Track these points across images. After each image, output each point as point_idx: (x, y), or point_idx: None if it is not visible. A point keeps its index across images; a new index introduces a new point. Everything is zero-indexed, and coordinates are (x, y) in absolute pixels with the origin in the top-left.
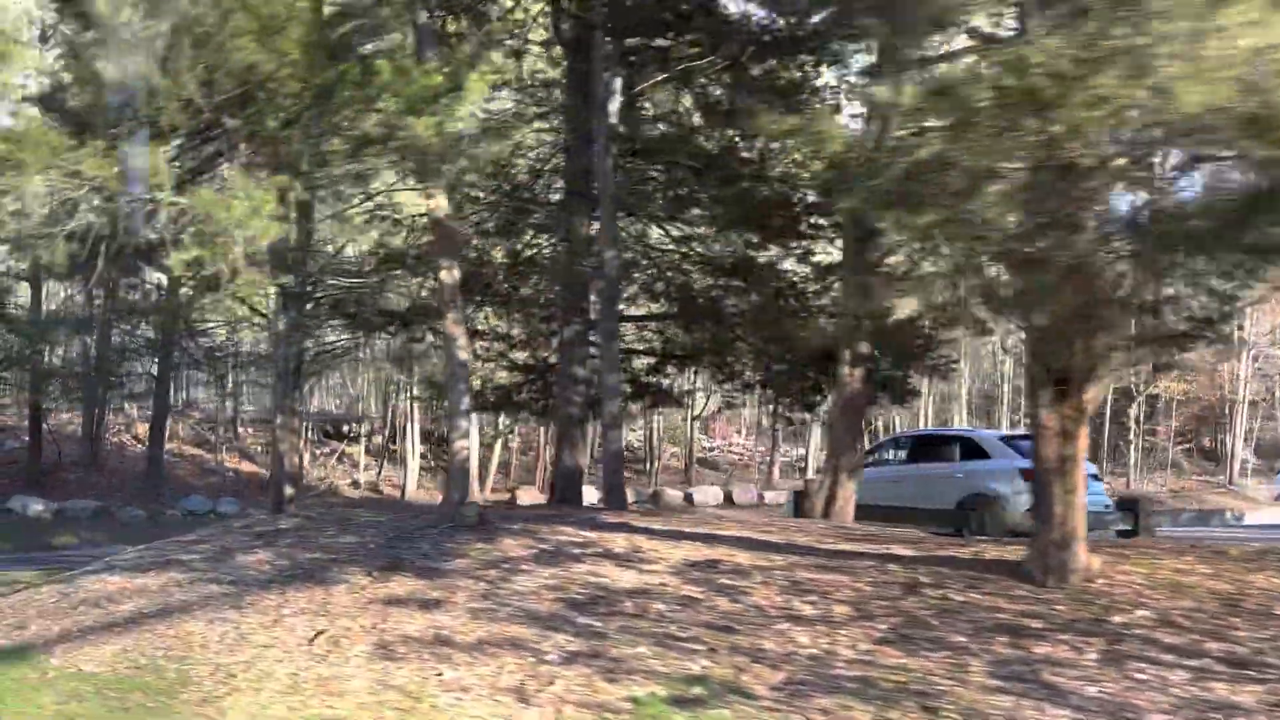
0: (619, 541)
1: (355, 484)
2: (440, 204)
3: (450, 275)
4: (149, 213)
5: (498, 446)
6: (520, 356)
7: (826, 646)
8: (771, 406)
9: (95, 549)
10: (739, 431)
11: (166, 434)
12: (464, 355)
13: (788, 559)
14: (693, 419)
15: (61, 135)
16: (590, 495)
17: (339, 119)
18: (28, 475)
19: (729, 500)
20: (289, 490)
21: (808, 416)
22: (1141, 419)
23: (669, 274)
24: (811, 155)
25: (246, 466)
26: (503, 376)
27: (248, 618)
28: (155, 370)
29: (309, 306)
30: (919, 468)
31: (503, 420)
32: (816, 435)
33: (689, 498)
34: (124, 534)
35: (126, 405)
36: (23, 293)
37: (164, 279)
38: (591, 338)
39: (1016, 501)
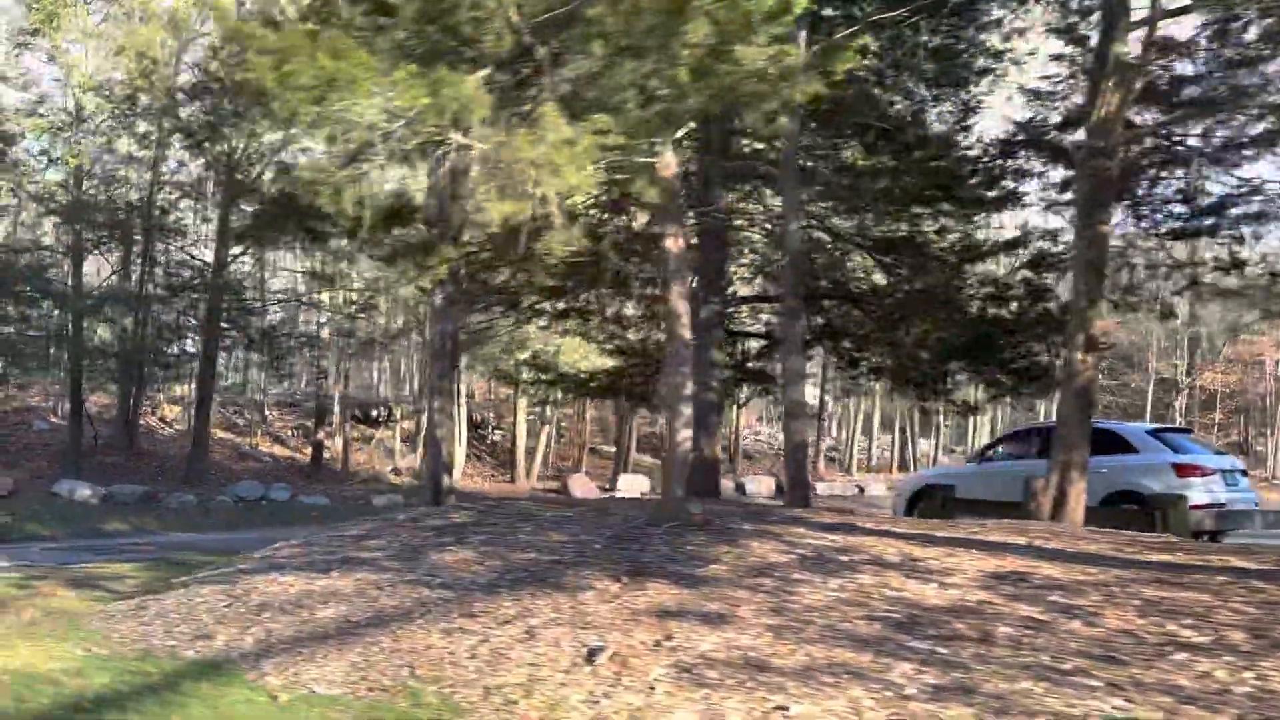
0: (882, 547)
1: (396, 470)
2: (668, 161)
3: (676, 243)
4: (447, 154)
5: (543, 434)
6: (630, 339)
7: (1255, 682)
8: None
9: (153, 536)
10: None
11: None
12: (688, 334)
13: (1103, 571)
14: (738, 406)
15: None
16: (630, 484)
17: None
18: (66, 458)
19: (781, 491)
20: (446, 481)
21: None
22: (1183, 411)
23: (814, 255)
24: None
25: (279, 450)
26: (585, 363)
27: (490, 629)
28: (199, 350)
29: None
30: (1038, 463)
31: (549, 407)
32: (859, 424)
33: (741, 488)
34: (175, 520)
35: (155, 387)
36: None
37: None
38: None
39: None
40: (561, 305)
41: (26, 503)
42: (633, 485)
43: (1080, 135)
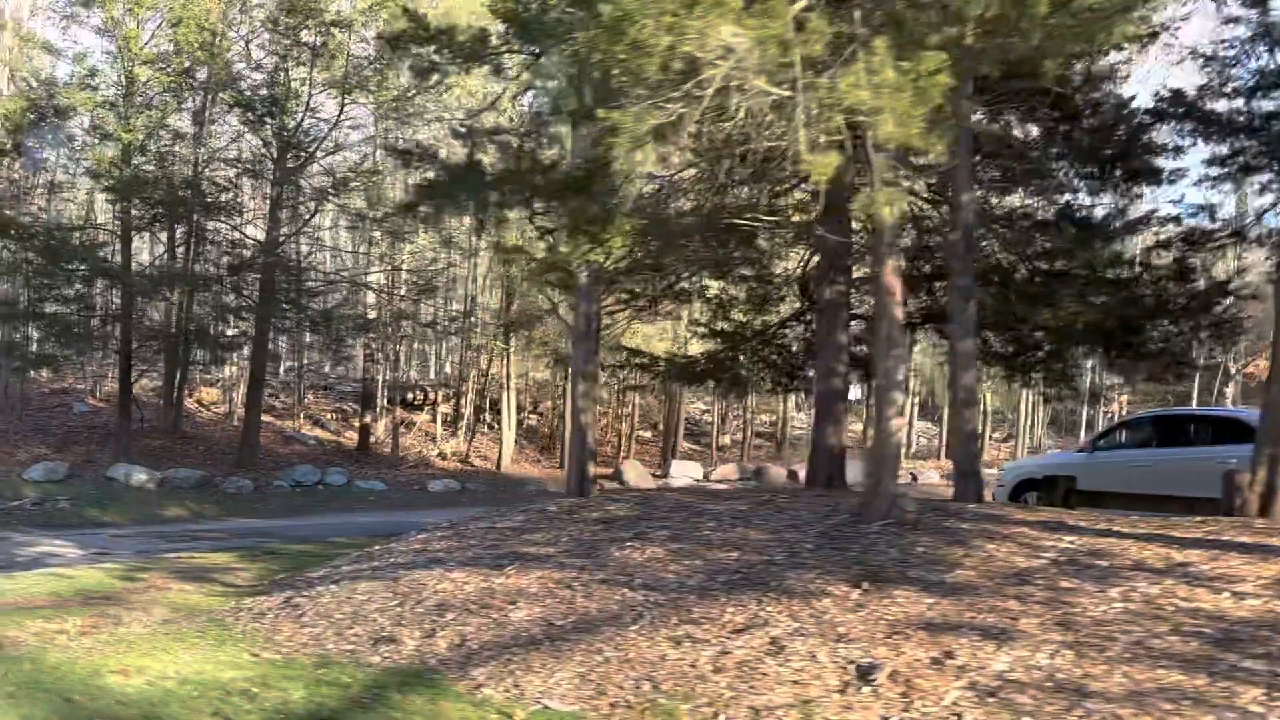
0: (1135, 550)
1: (442, 455)
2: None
3: (889, 212)
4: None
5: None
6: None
7: None
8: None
9: (218, 523)
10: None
11: (239, 400)
12: (900, 313)
13: None
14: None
15: None
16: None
17: None
18: (116, 442)
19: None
20: (592, 469)
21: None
22: (1239, 399)
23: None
24: None
25: (321, 434)
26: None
27: (726, 638)
28: (250, 331)
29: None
30: (1168, 452)
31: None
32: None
33: (793, 474)
34: (234, 505)
35: (201, 369)
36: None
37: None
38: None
39: None
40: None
41: (82, 487)
42: (684, 472)
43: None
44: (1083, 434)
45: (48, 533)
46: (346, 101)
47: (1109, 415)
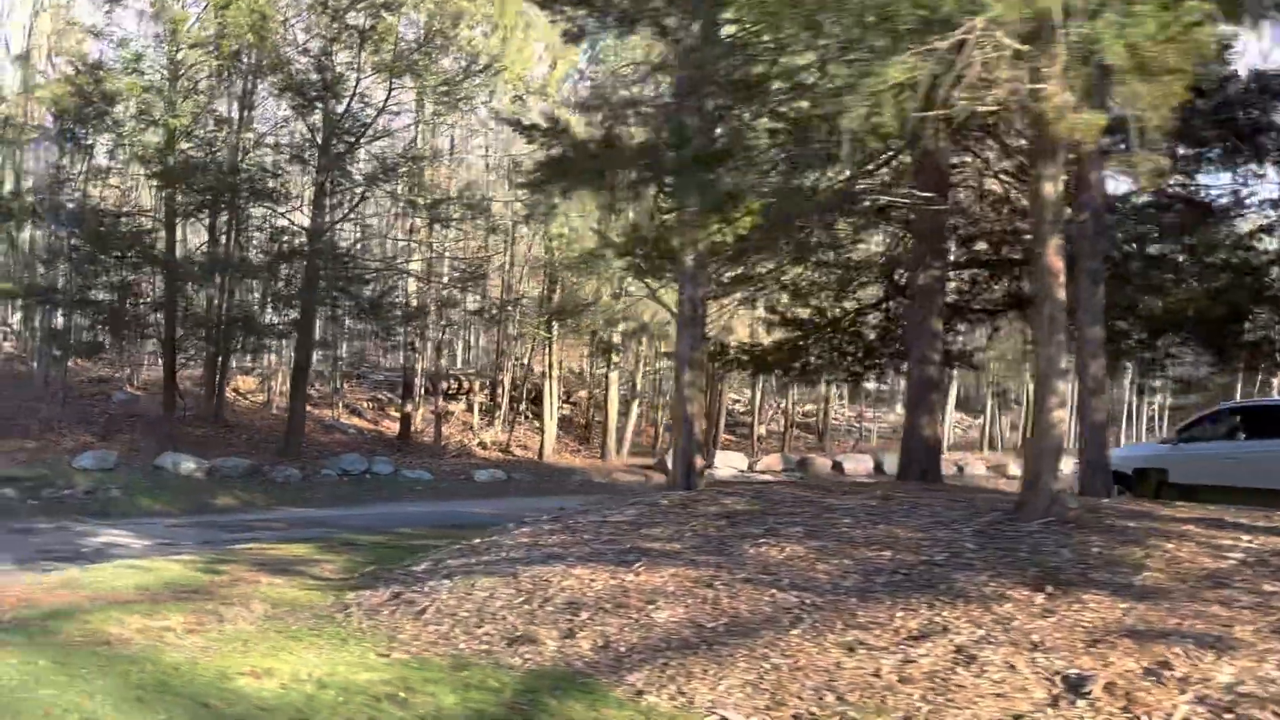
0: None
1: (482, 444)
2: (1061, 95)
3: (1054, 187)
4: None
5: (633, 410)
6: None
7: None
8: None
9: (271, 512)
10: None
11: (277, 389)
12: (1064, 296)
13: None
14: (828, 381)
15: None
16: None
17: None
18: (161, 430)
19: (879, 470)
20: (699, 461)
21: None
22: None
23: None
24: None
25: (359, 423)
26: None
27: (904, 644)
28: (296, 319)
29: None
30: (1260, 444)
31: (639, 381)
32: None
33: (838, 466)
34: (283, 495)
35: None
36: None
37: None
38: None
39: None
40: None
41: (131, 476)
42: (728, 462)
43: None
44: (1127, 427)
45: (104, 522)
46: (395, 86)
47: (1153, 408)
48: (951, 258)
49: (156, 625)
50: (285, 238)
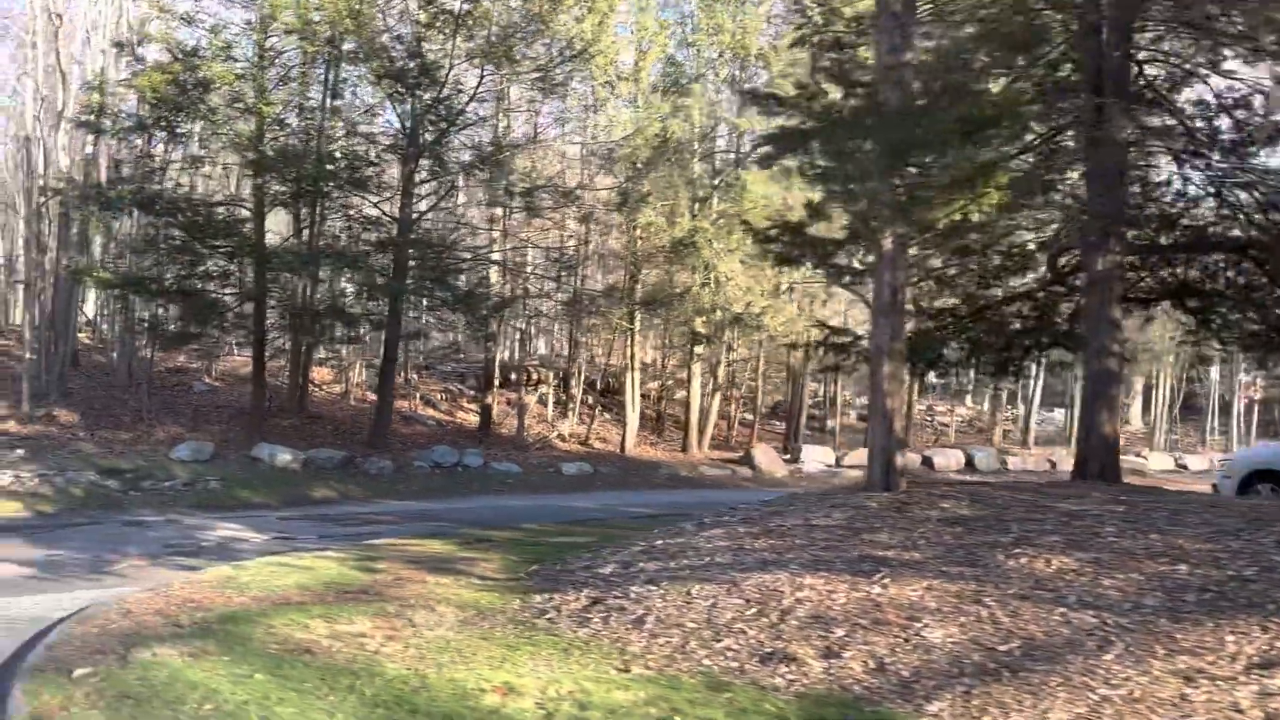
0: None
1: (560, 437)
2: None
3: None
4: None
5: (715, 402)
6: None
7: None
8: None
9: (372, 505)
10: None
11: (354, 381)
12: None
13: None
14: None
15: None
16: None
17: None
18: (251, 421)
19: (970, 466)
20: (900, 459)
21: None
22: None
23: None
24: None
25: (435, 414)
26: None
27: (1259, 675)
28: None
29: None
30: None
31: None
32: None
33: (928, 461)
34: (378, 487)
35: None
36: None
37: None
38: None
39: None
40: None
41: (228, 467)
42: (814, 457)
43: None
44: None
45: (211, 515)
46: (489, 74)
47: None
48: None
49: (346, 630)
50: (377, 227)
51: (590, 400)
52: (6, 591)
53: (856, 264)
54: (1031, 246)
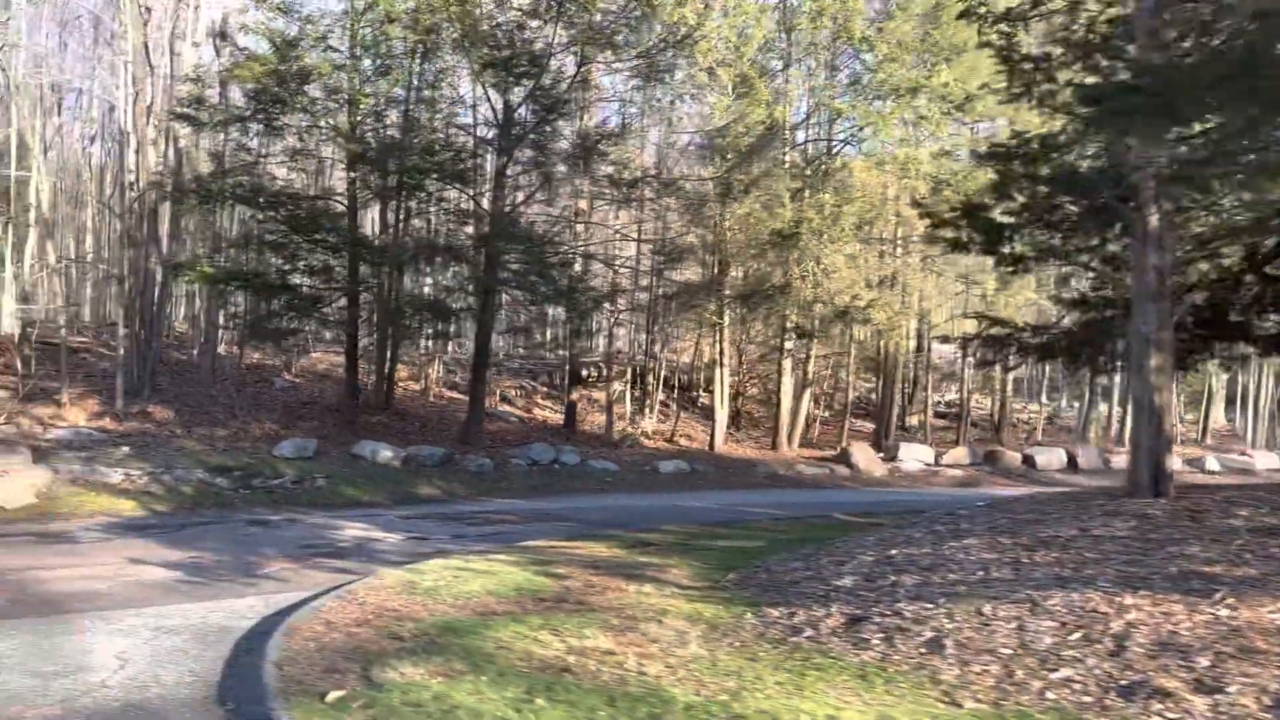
0: None
1: (645, 434)
2: None
3: None
4: None
5: (805, 398)
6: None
7: None
8: None
9: (475, 503)
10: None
11: (434, 378)
12: None
13: None
14: (1005, 370)
15: None
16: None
17: None
18: (340, 418)
19: (1072, 465)
20: (1169, 464)
21: None
22: None
23: None
24: None
25: (514, 410)
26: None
27: None
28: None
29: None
30: None
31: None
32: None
33: (1029, 460)
34: (480, 484)
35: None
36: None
37: None
38: None
39: None
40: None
41: (331, 464)
42: (913, 455)
43: None
44: None
45: (328, 513)
46: (587, 61)
47: None
48: None
49: (586, 645)
50: (470, 220)
51: (670, 397)
52: (170, 597)
53: (1024, 249)
54: None
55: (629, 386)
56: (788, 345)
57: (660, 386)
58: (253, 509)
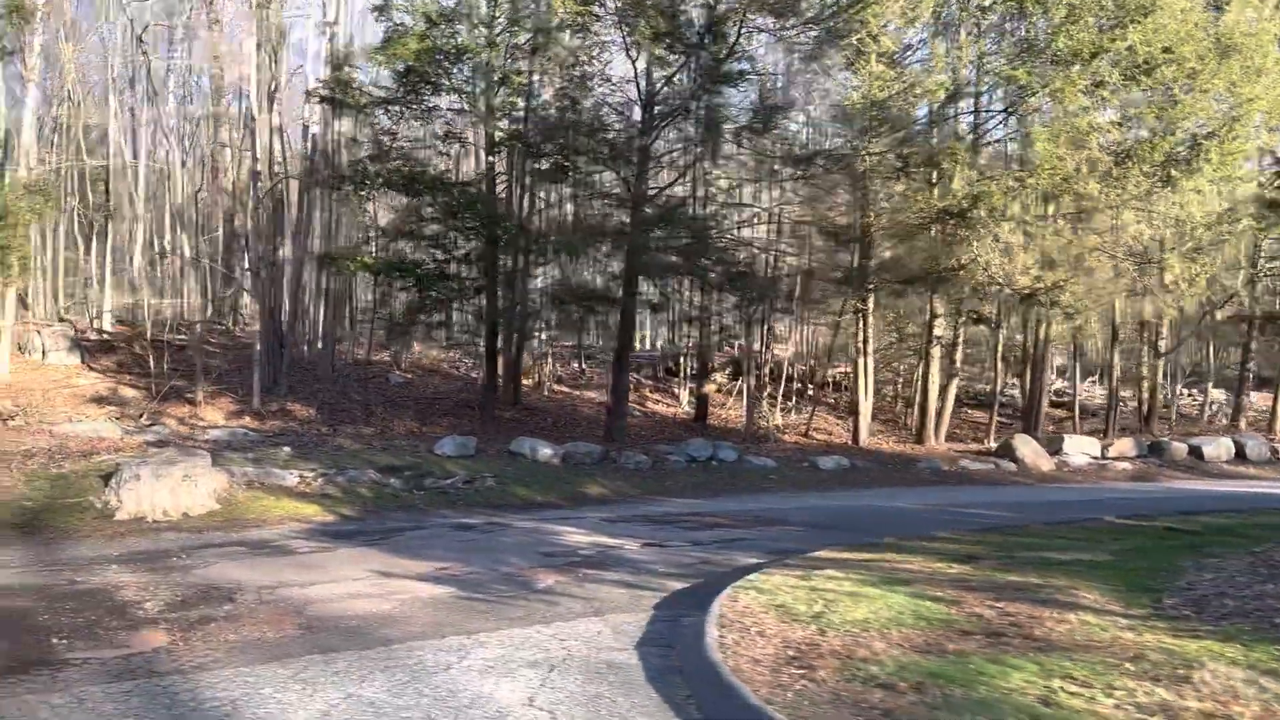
0: None
1: (778, 428)
2: None
3: None
4: None
5: (951, 390)
6: None
7: None
8: None
9: (652, 503)
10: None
11: (548, 373)
12: None
13: None
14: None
15: None
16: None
17: None
18: (475, 414)
19: (1240, 455)
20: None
21: None
22: None
23: None
24: None
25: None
26: None
27: None
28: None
29: None
30: None
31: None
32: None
33: (1196, 451)
34: (643, 483)
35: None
36: None
37: None
38: None
39: None
40: None
41: (492, 463)
42: (1079, 448)
43: None
44: None
45: (519, 514)
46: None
47: None
48: None
49: (1149, 702)
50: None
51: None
52: (476, 619)
53: None
54: None
55: (751, 378)
56: (936, 333)
57: (784, 379)
58: (438, 511)
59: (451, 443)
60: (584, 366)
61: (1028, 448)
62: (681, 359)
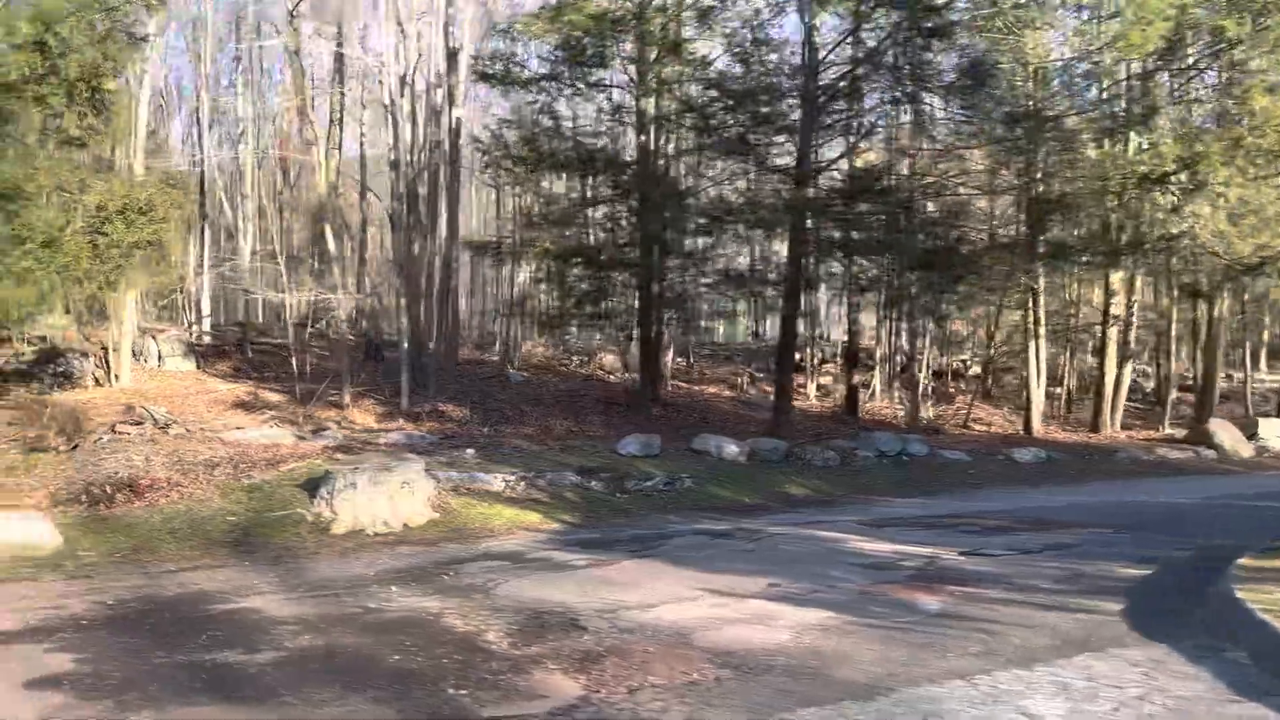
0: None
1: (939, 419)
2: None
3: None
4: None
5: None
6: None
7: None
8: None
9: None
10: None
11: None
12: None
13: None
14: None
15: None
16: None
17: None
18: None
19: None
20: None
21: None
22: None
23: None
24: None
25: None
26: None
27: None
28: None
29: None
30: None
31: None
32: None
33: None
34: (841, 480)
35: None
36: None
37: None
38: None
39: None
40: None
41: (677, 462)
42: (1274, 432)
43: None
44: None
45: (743, 518)
46: None
47: None
48: None
49: None
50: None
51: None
52: (952, 657)
53: None
54: None
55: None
56: (1114, 311)
57: (926, 368)
58: (663, 516)
59: (635, 442)
60: (692, 360)
61: (1226, 434)
62: (807, 349)
